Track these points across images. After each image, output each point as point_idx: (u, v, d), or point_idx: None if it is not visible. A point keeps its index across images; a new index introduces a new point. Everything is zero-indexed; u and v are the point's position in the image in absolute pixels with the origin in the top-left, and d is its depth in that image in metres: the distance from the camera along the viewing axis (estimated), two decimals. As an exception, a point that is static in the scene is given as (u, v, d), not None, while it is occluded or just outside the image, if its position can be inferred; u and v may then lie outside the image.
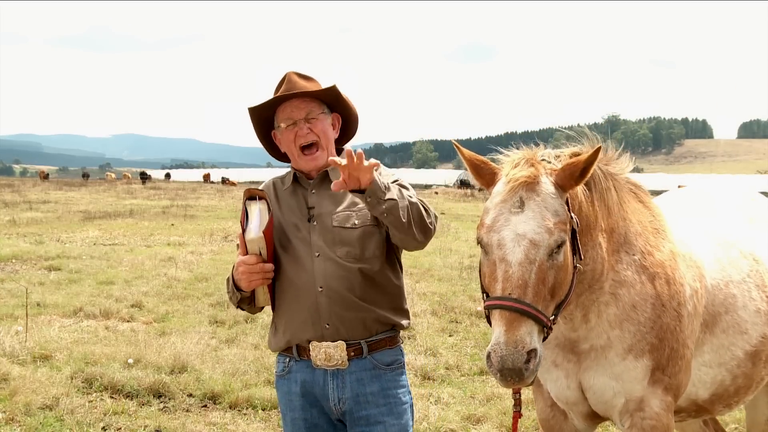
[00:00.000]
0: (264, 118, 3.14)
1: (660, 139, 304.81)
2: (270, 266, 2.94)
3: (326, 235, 2.98)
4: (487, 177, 2.78)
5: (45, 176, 64.71)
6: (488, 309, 2.54)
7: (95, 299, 10.19)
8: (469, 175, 2.84)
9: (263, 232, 2.87)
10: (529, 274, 2.50)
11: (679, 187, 5.78)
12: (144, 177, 64.52)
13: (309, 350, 2.98)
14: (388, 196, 2.67)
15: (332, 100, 3.10)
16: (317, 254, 2.97)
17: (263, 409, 5.97)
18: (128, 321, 9.10)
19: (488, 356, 2.45)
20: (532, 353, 2.42)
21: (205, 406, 6.11)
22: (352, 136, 3.31)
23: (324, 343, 2.94)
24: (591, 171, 2.67)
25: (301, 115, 3.01)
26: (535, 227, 2.54)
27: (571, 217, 2.67)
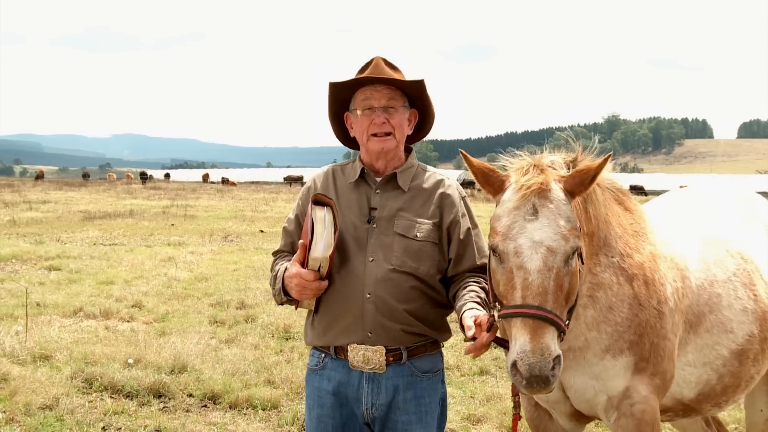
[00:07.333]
0: (341, 98, 3.02)
1: (660, 139, 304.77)
2: (325, 284, 2.85)
3: (385, 240, 2.90)
4: (495, 185, 2.74)
5: (40, 176, 62.30)
6: (507, 317, 2.49)
7: (95, 299, 10.18)
8: (470, 175, 2.82)
9: (329, 255, 2.79)
10: (548, 281, 2.49)
11: (680, 187, 5.78)
12: (144, 177, 64.48)
13: (347, 351, 2.91)
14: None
15: (416, 95, 3.00)
16: (371, 259, 2.88)
17: (263, 409, 5.97)
18: (128, 321, 9.09)
19: (514, 365, 2.41)
20: (556, 360, 2.42)
21: (205, 406, 6.10)
22: (424, 137, 3.21)
23: (363, 346, 2.88)
24: (599, 178, 2.68)
25: (381, 102, 2.91)
26: (552, 234, 2.53)
27: (578, 223, 2.66)
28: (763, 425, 4.10)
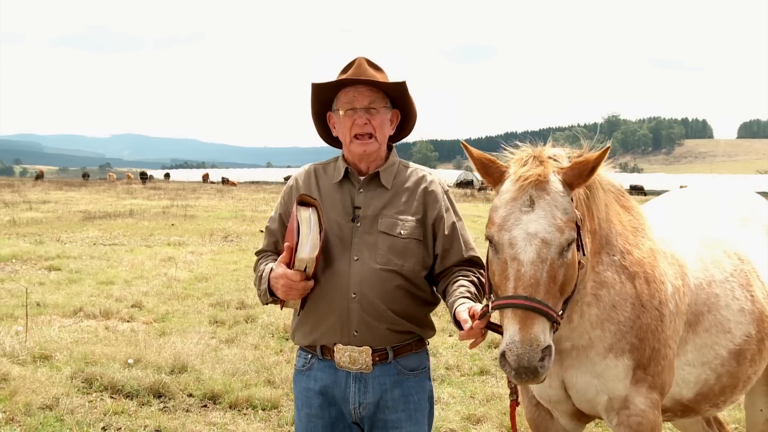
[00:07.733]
0: (324, 98, 3.05)
1: (660, 139, 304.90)
2: (311, 284, 2.86)
3: (369, 239, 2.91)
4: (495, 175, 2.76)
5: (40, 176, 61.80)
6: (499, 308, 2.52)
7: (95, 299, 10.18)
8: (469, 175, 2.84)
9: (315, 256, 2.79)
10: (541, 272, 2.50)
11: (680, 187, 5.79)
12: (144, 177, 64.41)
13: (333, 351, 2.93)
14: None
15: (397, 96, 3.02)
16: (356, 258, 2.90)
17: (263, 409, 5.97)
18: (128, 321, 9.09)
19: (503, 355, 2.43)
20: (546, 350, 2.42)
21: (205, 406, 6.11)
22: (406, 136, 3.24)
23: (349, 347, 2.90)
24: (599, 169, 2.69)
25: (363, 103, 2.93)
26: (546, 226, 2.54)
27: (576, 214, 2.67)
28: (763, 425, 4.10)
